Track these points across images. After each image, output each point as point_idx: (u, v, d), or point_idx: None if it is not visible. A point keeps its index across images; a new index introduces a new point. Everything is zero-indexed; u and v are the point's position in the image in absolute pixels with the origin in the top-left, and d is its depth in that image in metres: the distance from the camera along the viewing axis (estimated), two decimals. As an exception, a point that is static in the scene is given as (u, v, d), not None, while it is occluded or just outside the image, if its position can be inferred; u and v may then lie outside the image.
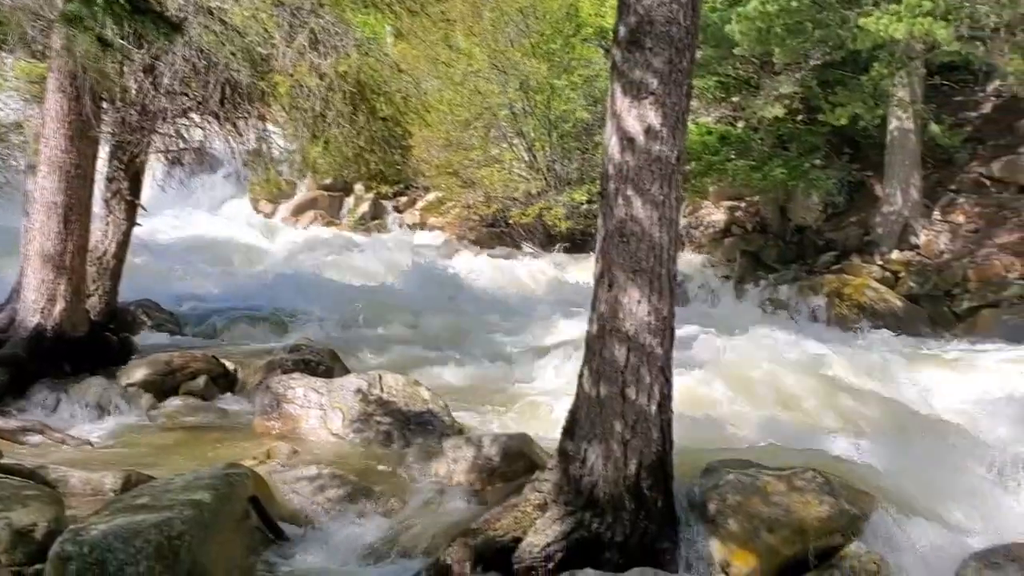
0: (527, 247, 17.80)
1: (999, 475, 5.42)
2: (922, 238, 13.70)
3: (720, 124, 16.24)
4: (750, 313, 12.90)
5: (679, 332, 4.54)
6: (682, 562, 4.14)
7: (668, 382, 4.23)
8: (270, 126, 9.03)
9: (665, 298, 4.14)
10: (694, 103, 16.20)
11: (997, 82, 15.04)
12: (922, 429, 6.10)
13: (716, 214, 16.67)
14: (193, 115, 8.36)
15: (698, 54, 14.00)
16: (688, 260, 15.55)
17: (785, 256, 15.18)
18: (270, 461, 5.29)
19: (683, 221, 16.52)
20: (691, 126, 15.04)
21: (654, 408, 4.14)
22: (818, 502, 4.19)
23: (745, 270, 15.13)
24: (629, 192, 4.02)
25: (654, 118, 3.93)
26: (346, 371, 7.22)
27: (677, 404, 4.40)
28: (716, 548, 4.12)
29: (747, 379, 7.30)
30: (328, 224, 19.65)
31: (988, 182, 14.14)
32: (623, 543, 4.04)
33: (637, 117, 3.95)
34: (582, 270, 13.50)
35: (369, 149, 8.25)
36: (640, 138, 3.95)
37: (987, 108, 15.49)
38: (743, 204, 16.32)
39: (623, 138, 3.99)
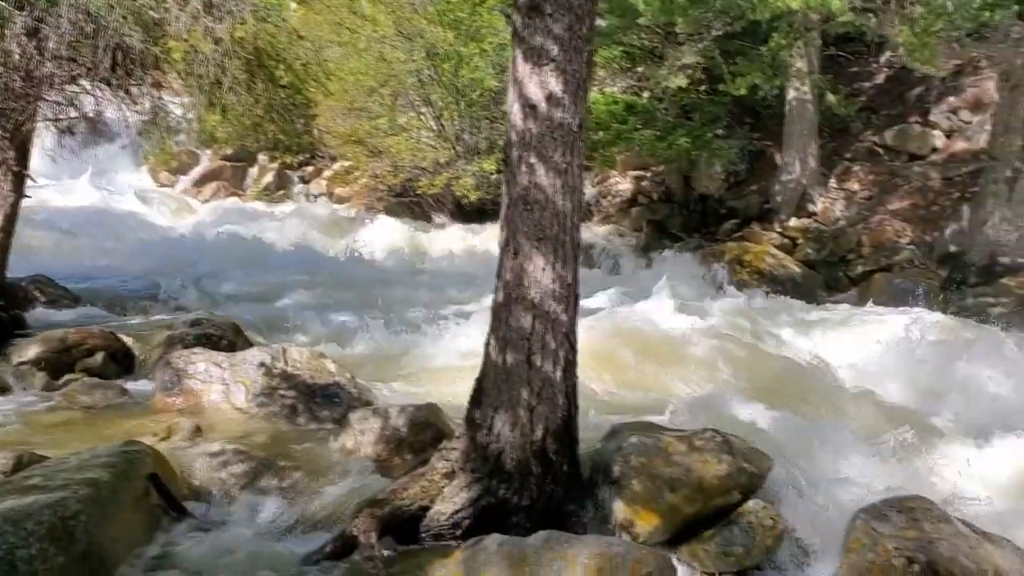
0: (437, 217, 17.71)
1: (889, 430, 5.68)
2: (819, 205, 14.18)
3: (626, 94, 16.41)
4: (655, 281, 13.10)
5: (585, 300, 4.59)
6: (588, 524, 4.22)
7: (573, 348, 4.28)
8: (165, 94, 8.72)
9: (569, 265, 4.17)
10: (601, 73, 16.38)
11: (888, 53, 15.59)
12: (816, 388, 6.33)
13: (623, 184, 16.89)
14: (83, 82, 7.98)
15: (603, 23, 14.19)
16: (596, 230, 15.73)
17: (689, 224, 15.52)
18: (171, 438, 5.15)
19: (591, 191, 16.72)
20: (598, 96, 15.19)
21: (559, 374, 4.19)
22: (717, 461, 4.31)
23: (651, 239, 15.41)
24: (532, 159, 4.03)
25: (555, 85, 3.93)
26: (249, 345, 7.08)
27: (582, 369, 4.46)
28: (620, 509, 4.20)
29: (650, 344, 7.44)
30: (231, 195, 19.18)
31: (881, 150, 14.71)
32: (530, 507, 4.09)
33: (538, 84, 3.95)
34: (491, 240, 13.50)
35: (269, 117, 8.03)
36: (542, 105, 3.95)
37: (880, 79, 16.06)
38: (649, 174, 16.58)
39: (525, 105, 3.99)
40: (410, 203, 17.92)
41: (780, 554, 4.17)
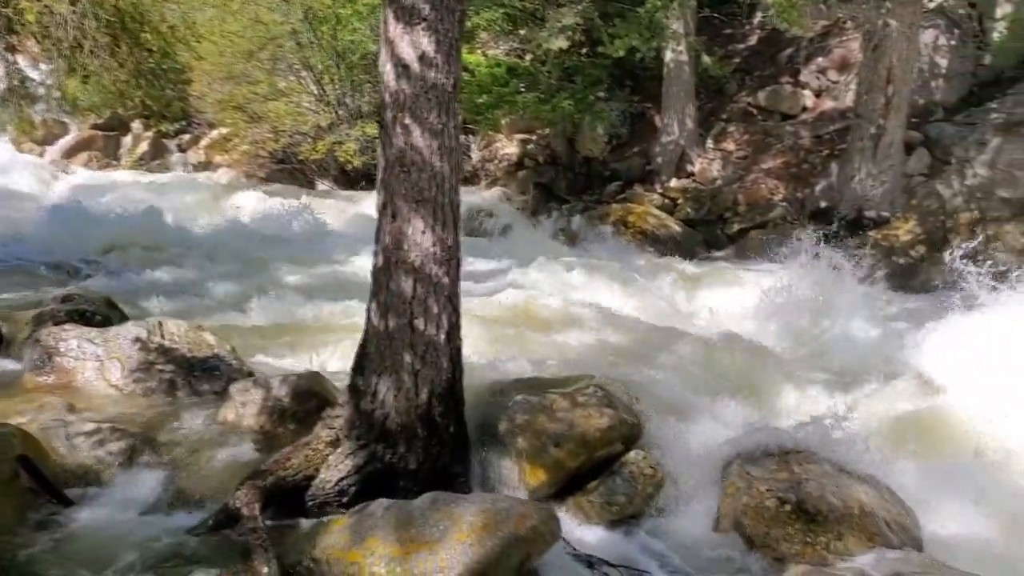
0: (321, 184, 17.39)
1: (762, 379, 5.93)
2: (697, 166, 14.54)
3: (509, 57, 16.39)
4: (543, 244, 13.24)
5: (474, 265, 4.59)
6: (475, 483, 4.27)
7: (456, 311, 4.28)
8: (22, 59, 8.24)
9: (449, 227, 4.16)
10: (483, 36, 16.29)
11: (760, 15, 16.01)
12: (693, 342, 6.53)
13: (509, 148, 16.92)
14: (-72, 45, 7.46)
15: (483, -15, 13.99)
16: (483, 194, 15.74)
17: (575, 187, 15.70)
18: (42, 418, 4.95)
19: (477, 155, 16.68)
20: (480, 58, 15.11)
21: (443, 337, 4.19)
22: (599, 415, 4.42)
23: (538, 202, 15.52)
24: (407, 121, 3.99)
25: (428, 45, 3.89)
26: (125, 319, 6.80)
27: (467, 333, 4.48)
28: (507, 466, 4.28)
29: (535, 307, 7.52)
30: (105, 167, 18.36)
31: (755, 111, 15.16)
32: (416, 471, 4.11)
33: (410, 44, 3.90)
34: (374, 205, 13.31)
35: (135, 83, 7.67)
36: (415, 65, 3.91)
37: (753, 40, 16.50)
38: (535, 137, 16.65)
39: (398, 65, 3.94)
40: (292, 170, 17.54)
41: (661, 501, 4.33)
